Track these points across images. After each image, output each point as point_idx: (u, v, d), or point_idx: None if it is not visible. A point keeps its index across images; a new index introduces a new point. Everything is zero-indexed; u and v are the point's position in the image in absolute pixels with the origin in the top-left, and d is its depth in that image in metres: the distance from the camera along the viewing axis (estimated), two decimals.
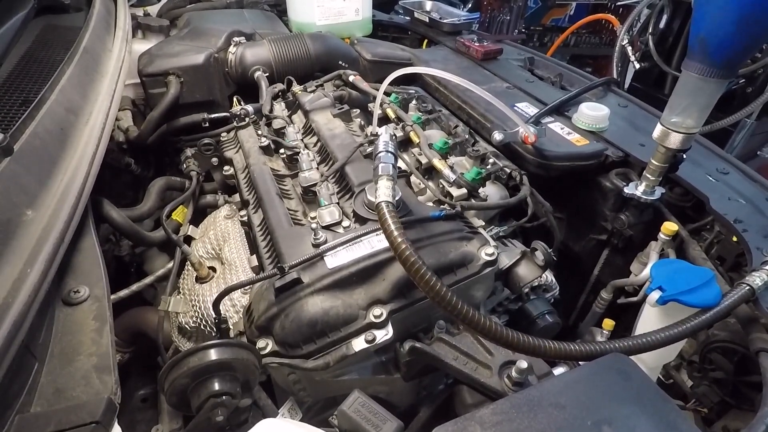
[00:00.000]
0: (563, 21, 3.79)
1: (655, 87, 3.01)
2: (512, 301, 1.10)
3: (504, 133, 1.22)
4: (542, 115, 1.35)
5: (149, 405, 1.19)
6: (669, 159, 1.02)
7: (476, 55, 1.76)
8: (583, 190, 1.27)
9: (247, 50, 1.58)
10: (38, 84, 1.00)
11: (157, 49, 1.55)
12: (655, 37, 2.83)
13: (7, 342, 0.55)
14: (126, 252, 1.30)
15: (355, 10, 1.91)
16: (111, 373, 0.63)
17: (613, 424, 0.59)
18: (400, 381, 0.93)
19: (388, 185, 0.82)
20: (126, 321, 1.19)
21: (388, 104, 1.37)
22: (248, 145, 1.28)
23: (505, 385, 0.79)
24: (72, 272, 0.78)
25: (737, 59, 0.85)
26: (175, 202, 1.30)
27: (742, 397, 0.96)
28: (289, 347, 0.83)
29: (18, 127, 0.84)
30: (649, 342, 0.75)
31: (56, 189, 0.82)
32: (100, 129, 1.01)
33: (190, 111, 1.53)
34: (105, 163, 0.98)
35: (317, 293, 0.84)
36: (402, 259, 0.73)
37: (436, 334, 0.88)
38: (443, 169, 1.10)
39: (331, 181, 1.10)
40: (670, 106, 0.95)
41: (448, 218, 0.96)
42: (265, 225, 1.02)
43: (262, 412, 0.83)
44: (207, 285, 1.09)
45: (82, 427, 0.54)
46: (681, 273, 0.86)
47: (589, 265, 1.34)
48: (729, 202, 1.07)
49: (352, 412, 0.67)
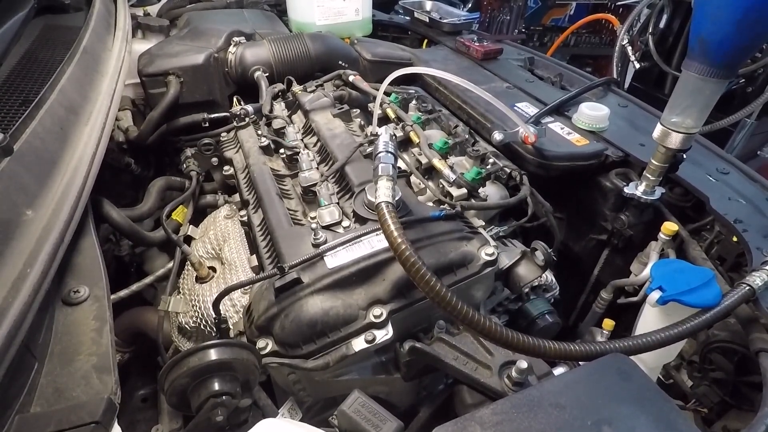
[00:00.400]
0: (563, 21, 3.79)
1: (655, 87, 3.01)
2: (512, 301, 1.10)
3: (504, 133, 1.22)
4: (542, 115, 1.35)
5: (149, 405, 1.19)
6: (669, 159, 1.02)
7: (476, 55, 1.76)
8: (583, 190, 1.27)
9: (247, 50, 1.58)
10: (38, 84, 1.00)
11: (157, 49, 1.55)
12: (655, 37, 2.83)
13: (7, 342, 0.55)
14: (126, 252, 1.30)
15: (355, 10, 1.91)
16: (111, 373, 0.63)
17: (613, 424, 0.59)
18: (400, 381, 0.93)
19: (388, 185, 0.82)
20: (126, 321, 1.19)
21: (388, 104, 1.37)
22: (248, 145, 1.28)
23: (505, 385, 0.79)
24: (72, 272, 0.78)
25: (737, 59, 0.85)
26: (175, 202, 1.30)
27: (742, 397, 0.96)
28: (289, 347, 0.83)
29: (18, 127, 0.84)
30: (649, 342, 0.75)
31: (56, 189, 0.82)
32: (100, 129, 1.01)
33: (190, 111, 1.53)
34: (105, 163, 0.98)
35: (317, 293, 0.84)
36: (402, 259, 0.73)
37: (436, 334, 0.88)
38: (443, 169, 1.10)
39: (331, 181, 1.10)
40: (670, 106, 0.95)
41: (448, 218, 0.96)
42: (265, 225, 1.02)
43: (262, 412, 0.83)
44: (207, 285, 1.09)
45: (82, 427, 0.54)
46: (681, 273, 0.86)
47: (589, 265, 1.34)
48: (729, 202, 1.07)
49: (352, 412, 0.67)
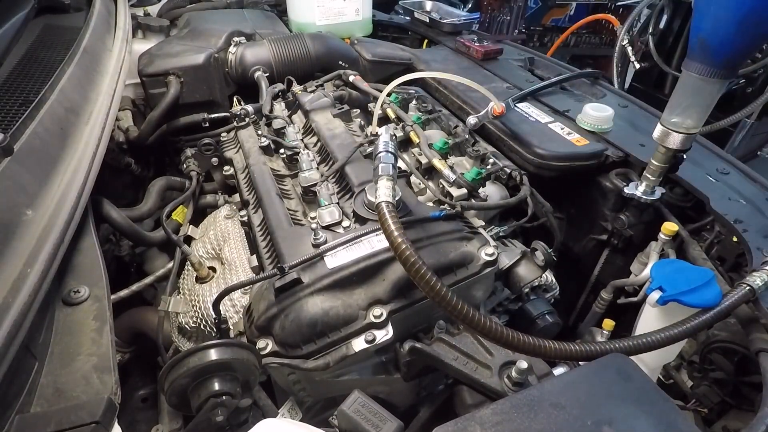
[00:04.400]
0: (563, 21, 3.79)
1: (655, 87, 3.01)
2: (512, 301, 1.10)
3: (477, 117, 1.26)
4: (523, 97, 1.42)
5: (149, 405, 1.19)
6: (669, 159, 1.02)
7: (476, 55, 1.76)
8: (583, 191, 1.27)
9: (247, 50, 1.58)
10: (38, 84, 0.99)
11: (157, 49, 1.55)
12: (655, 37, 2.83)
13: (7, 342, 0.55)
14: (126, 252, 1.30)
15: (355, 10, 1.91)
16: (111, 373, 0.63)
17: (613, 424, 0.59)
18: (400, 381, 0.93)
19: (388, 185, 0.82)
20: (126, 321, 1.19)
21: (388, 104, 1.37)
22: (248, 145, 1.28)
23: (505, 385, 0.79)
24: (72, 272, 0.78)
25: (737, 60, 0.85)
26: (175, 202, 1.30)
27: (742, 397, 0.96)
28: (289, 347, 0.83)
29: (18, 127, 0.84)
30: (649, 342, 0.75)
31: (56, 189, 0.82)
32: (100, 129, 1.01)
33: (190, 111, 1.53)
34: (105, 163, 0.98)
35: (317, 293, 0.84)
36: (402, 259, 0.73)
37: (436, 334, 0.88)
38: (443, 169, 1.10)
39: (331, 181, 1.10)
40: (670, 106, 0.95)
41: (448, 218, 0.96)
42: (265, 225, 1.02)
43: (262, 412, 0.83)
44: (207, 285, 1.09)
45: (82, 427, 0.54)
46: (681, 273, 0.86)
47: (589, 265, 1.34)
48: (729, 203, 1.07)
49: (352, 412, 0.67)
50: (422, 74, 1.32)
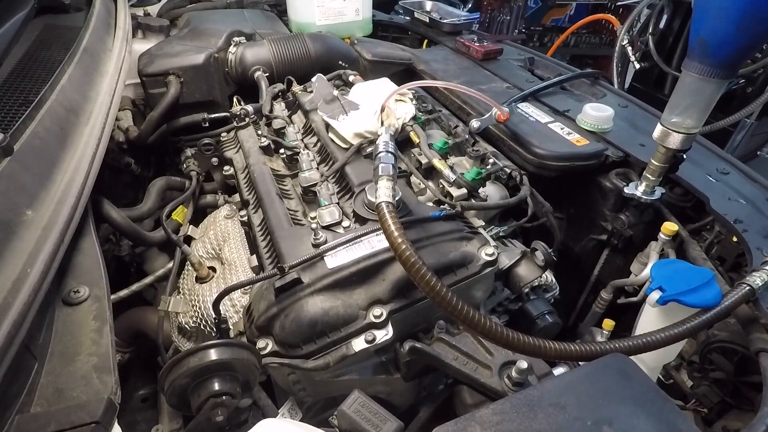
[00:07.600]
0: (563, 21, 3.79)
1: (655, 87, 3.01)
2: (512, 301, 1.10)
3: (480, 120, 1.24)
4: (522, 98, 1.40)
5: (149, 405, 1.19)
6: (669, 159, 1.01)
7: (476, 55, 1.76)
8: (583, 191, 1.27)
9: (247, 50, 1.58)
10: (38, 84, 0.99)
11: (157, 49, 1.55)
12: (655, 37, 2.83)
13: (7, 342, 0.55)
14: (126, 252, 1.30)
15: (355, 10, 1.91)
16: (111, 373, 0.63)
17: (613, 424, 0.59)
18: (400, 381, 0.93)
19: (388, 185, 0.82)
20: (126, 321, 1.19)
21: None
22: (248, 145, 1.28)
23: (505, 385, 0.79)
24: (72, 272, 0.78)
25: (737, 59, 0.85)
26: (175, 202, 1.30)
27: (742, 397, 0.96)
28: (289, 347, 0.83)
29: (18, 127, 0.84)
30: (649, 342, 0.75)
31: (56, 189, 0.82)
32: (100, 129, 1.01)
33: (190, 111, 1.53)
34: (105, 163, 0.98)
35: (317, 293, 0.84)
36: (402, 259, 0.73)
37: (436, 334, 0.88)
38: (443, 169, 1.10)
39: (331, 181, 1.10)
40: (670, 106, 0.95)
41: (448, 218, 0.96)
42: (265, 225, 1.02)
43: (262, 412, 0.83)
44: (207, 285, 1.09)
45: (82, 427, 0.54)
46: (681, 273, 0.86)
47: (589, 265, 1.34)
48: (729, 203, 1.07)
49: (352, 412, 0.67)
50: (425, 83, 1.30)
